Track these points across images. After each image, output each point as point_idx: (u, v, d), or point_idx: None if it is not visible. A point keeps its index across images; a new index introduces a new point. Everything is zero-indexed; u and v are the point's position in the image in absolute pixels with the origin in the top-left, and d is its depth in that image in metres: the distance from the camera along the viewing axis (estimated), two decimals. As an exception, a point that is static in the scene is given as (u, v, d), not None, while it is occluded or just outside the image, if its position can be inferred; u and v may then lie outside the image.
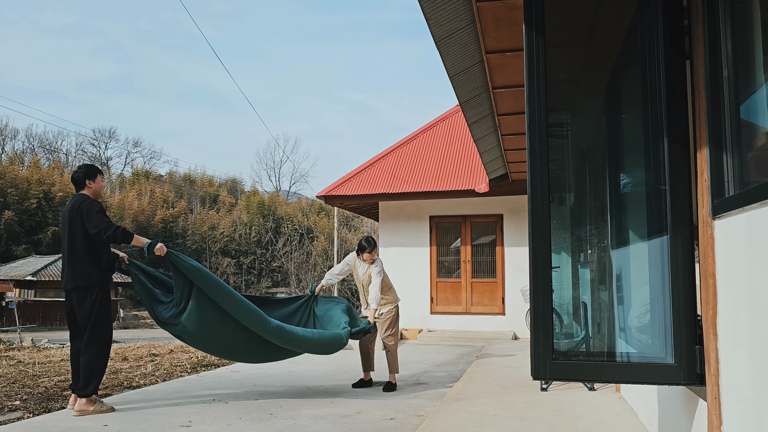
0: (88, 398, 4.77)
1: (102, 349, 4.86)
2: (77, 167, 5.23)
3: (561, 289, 4.13)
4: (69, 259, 4.88)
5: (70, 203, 4.99)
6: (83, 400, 4.76)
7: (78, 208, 4.87)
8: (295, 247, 39.29)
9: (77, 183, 5.09)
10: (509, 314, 11.29)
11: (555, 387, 5.40)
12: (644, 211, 3.25)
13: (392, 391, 5.91)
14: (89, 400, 4.78)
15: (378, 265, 6.11)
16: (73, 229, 4.86)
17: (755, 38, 2.13)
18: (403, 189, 11.53)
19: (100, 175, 5.20)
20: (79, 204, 4.89)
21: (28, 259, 36.92)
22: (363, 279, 6.19)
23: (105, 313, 4.91)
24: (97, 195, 5.14)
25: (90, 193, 5.07)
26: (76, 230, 4.85)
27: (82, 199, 4.94)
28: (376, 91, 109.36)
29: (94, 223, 4.80)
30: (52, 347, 14.20)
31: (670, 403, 3.24)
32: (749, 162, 2.19)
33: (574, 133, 4.10)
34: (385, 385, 6.03)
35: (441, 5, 3.93)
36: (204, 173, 65.49)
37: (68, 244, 4.89)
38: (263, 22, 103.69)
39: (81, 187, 5.08)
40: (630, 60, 3.40)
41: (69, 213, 4.91)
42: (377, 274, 6.03)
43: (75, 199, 5.00)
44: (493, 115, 6.42)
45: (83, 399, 4.76)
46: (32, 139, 60.06)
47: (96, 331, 4.83)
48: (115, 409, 4.91)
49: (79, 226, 4.84)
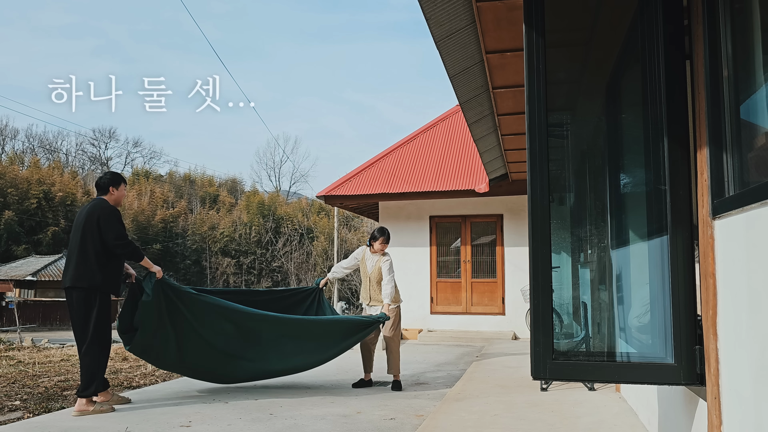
0: (88, 399, 4.80)
1: (102, 351, 4.89)
2: (103, 173, 5.35)
3: (561, 289, 4.13)
4: (76, 258, 4.90)
5: (90, 205, 5.08)
6: (83, 401, 4.80)
7: (98, 211, 4.95)
8: (295, 247, 39.29)
9: (101, 188, 5.19)
10: (509, 314, 11.29)
11: (555, 387, 5.40)
12: (644, 211, 3.25)
13: (401, 390, 5.92)
14: (89, 400, 4.81)
15: (389, 260, 6.09)
16: (87, 231, 4.90)
17: (755, 38, 2.13)
18: (403, 189, 11.53)
19: (124, 184, 5.33)
20: (99, 208, 4.98)
21: (28, 259, 36.91)
22: (371, 273, 6.16)
23: (106, 317, 4.94)
24: (118, 203, 5.23)
25: (111, 200, 5.15)
26: (89, 232, 4.89)
27: (103, 204, 5.03)
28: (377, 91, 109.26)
29: (114, 232, 4.90)
30: (52, 347, 14.20)
31: (670, 403, 3.24)
32: (749, 162, 2.19)
33: (574, 133, 4.10)
34: (393, 384, 6.02)
35: (441, 5, 3.93)
36: (204, 173, 65.47)
37: (79, 245, 4.91)
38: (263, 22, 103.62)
39: (103, 192, 5.16)
40: (630, 60, 3.40)
41: (87, 214, 4.97)
42: (389, 271, 6.01)
43: (95, 202, 5.09)
44: (493, 115, 6.42)
45: (83, 399, 4.79)
46: (32, 139, 60.03)
47: (98, 335, 4.84)
48: (115, 409, 4.92)
49: (94, 230, 4.89)
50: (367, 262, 6.22)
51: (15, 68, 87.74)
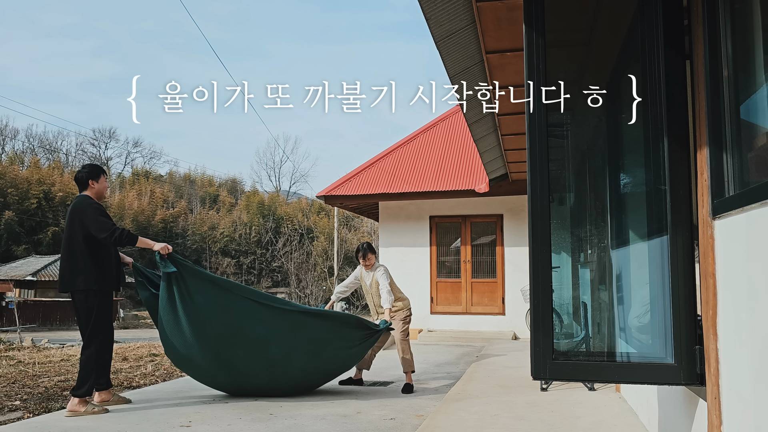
0: (81, 399, 4.73)
1: (98, 352, 4.84)
2: (81, 167, 5.17)
3: (561, 289, 4.13)
4: (69, 259, 4.85)
5: (72, 205, 4.95)
6: (76, 400, 4.72)
7: (78, 210, 4.83)
8: (295, 247, 39.27)
9: (80, 183, 5.03)
10: (509, 314, 11.29)
11: (555, 387, 5.40)
12: (644, 211, 3.25)
13: (411, 393, 5.80)
14: (82, 400, 4.73)
15: (383, 270, 6.11)
16: (72, 232, 4.81)
17: (755, 38, 2.13)
18: (403, 189, 11.53)
19: (104, 176, 5.13)
20: (79, 206, 4.85)
21: (28, 259, 36.93)
22: (371, 288, 6.19)
23: (106, 317, 4.90)
24: (100, 196, 5.08)
25: (93, 194, 5.01)
26: (75, 233, 4.80)
27: (83, 201, 4.89)
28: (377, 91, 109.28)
29: (97, 226, 4.75)
30: (52, 347, 14.20)
31: (670, 403, 3.24)
32: (749, 162, 2.19)
33: (574, 133, 4.09)
34: (404, 387, 5.90)
35: (441, 5, 3.93)
36: (204, 173, 65.55)
37: (67, 247, 4.85)
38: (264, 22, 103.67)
39: (84, 187, 5.02)
40: (630, 60, 3.40)
41: (71, 214, 4.88)
42: (383, 278, 6.02)
43: (76, 200, 4.96)
44: (493, 115, 6.42)
45: (76, 399, 4.72)
46: (32, 139, 60.06)
47: (95, 335, 4.81)
48: (108, 410, 4.85)
49: (78, 229, 4.79)
50: (365, 279, 6.27)
51: (16, 68, 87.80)
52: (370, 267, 6.20)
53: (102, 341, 4.88)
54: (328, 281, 34.43)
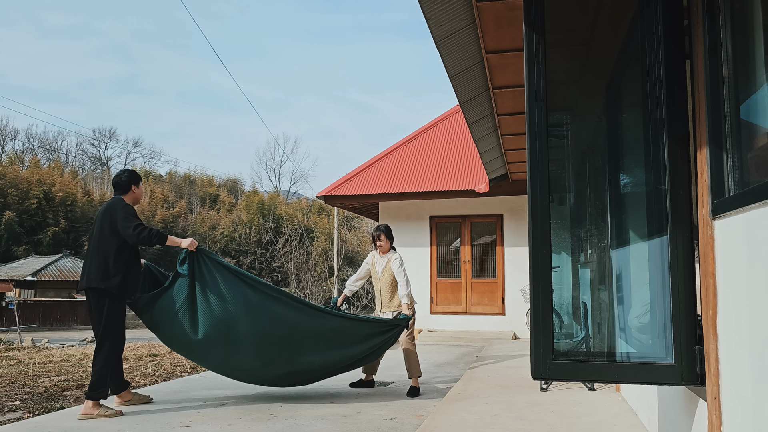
0: (95, 402, 4.70)
1: (110, 354, 4.80)
2: (120, 171, 5.23)
3: (561, 289, 4.13)
4: (93, 258, 4.82)
5: (107, 204, 4.98)
6: (89, 403, 4.69)
7: (112, 210, 4.86)
8: (295, 247, 39.25)
9: (119, 187, 5.08)
10: (509, 314, 11.29)
11: (555, 387, 5.40)
12: (644, 211, 3.25)
13: (417, 396, 5.65)
14: (95, 403, 4.70)
15: (398, 258, 5.84)
16: (104, 231, 4.82)
17: (755, 38, 2.13)
18: (403, 189, 11.53)
19: (141, 183, 5.24)
20: (114, 206, 4.89)
21: (28, 259, 36.93)
22: (381, 275, 5.91)
23: (118, 320, 4.87)
24: (137, 202, 5.15)
25: (130, 199, 5.08)
26: (106, 232, 4.81)
27: (118, 202, 4.94)
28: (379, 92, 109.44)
29: (124, 224, 4.79)
30: (52, 347, 14.20)
31: (670, 403, 3.24)
32: (749, 162, 2.19)
33: (574, 133, 4.09)
34: (410, 390, 5.74)
35: (441, 5, 3.93)
36: (204, 173, 65.62)
37: (96, 244, 4.84)
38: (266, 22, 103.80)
39: (124, 191, 5.07)
40: (630, 60, 3.40)
41: (103, 214, 4.90)
42: (400, 268, 5.74)
43: (112, 201, 4.99)
44: (493, 115, 6.42)
45: (89, 402, 4.69)
46: (32, 139, 60.15)
47: (108, 338, 4.78)
48: (123, 413, 4.80)
49: (111, 228, 4.81)
50: (377, 265, 5.99)
51: (18, 68, 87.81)
52: (385, 252, 5.93)
53: (116, 344, 4.83)
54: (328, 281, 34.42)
